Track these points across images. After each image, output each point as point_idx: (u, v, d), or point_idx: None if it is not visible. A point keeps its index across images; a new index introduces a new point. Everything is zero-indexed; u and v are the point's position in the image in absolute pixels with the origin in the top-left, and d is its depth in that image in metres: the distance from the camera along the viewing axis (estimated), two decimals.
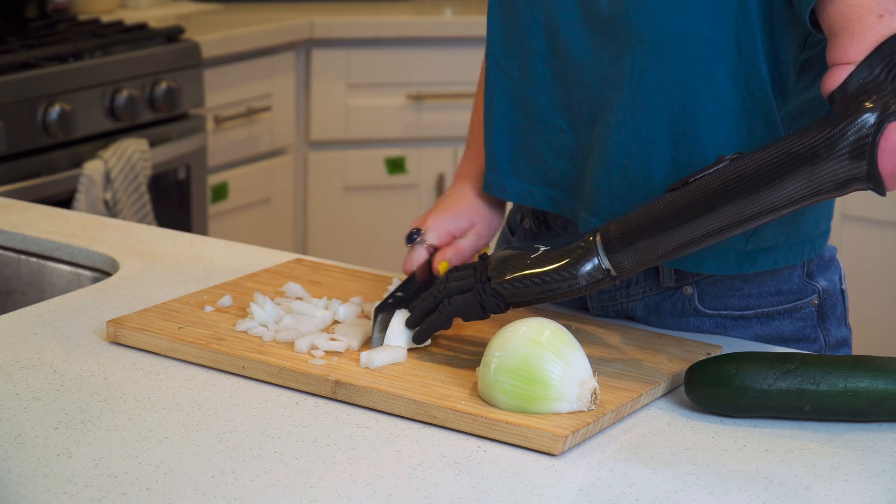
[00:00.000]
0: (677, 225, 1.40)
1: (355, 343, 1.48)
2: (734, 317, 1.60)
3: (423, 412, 1.36)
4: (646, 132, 1.51)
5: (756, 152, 1.39)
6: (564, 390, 1.34)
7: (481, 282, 1.45)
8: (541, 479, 1.26)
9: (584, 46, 1.54)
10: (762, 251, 1.55)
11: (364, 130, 3.67)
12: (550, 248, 1.45)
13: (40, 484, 1.21)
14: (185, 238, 1.90)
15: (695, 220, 1.39)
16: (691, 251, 1.42)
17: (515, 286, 1.44)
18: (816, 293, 1.61)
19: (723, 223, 1.39)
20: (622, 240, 1.41)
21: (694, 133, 1.50)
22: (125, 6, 3.72)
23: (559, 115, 1.58)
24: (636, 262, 1.42)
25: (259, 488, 1.22)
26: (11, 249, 1.89)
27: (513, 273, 1.44)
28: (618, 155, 1.53)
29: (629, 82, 1.50)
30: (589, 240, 1.43)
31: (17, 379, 1.43)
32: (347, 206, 3.69)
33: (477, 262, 1.49)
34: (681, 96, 1.49)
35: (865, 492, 1.25)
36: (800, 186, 1.37)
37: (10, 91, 2.82)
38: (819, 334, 1.63)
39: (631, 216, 1.42)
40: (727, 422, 1.38)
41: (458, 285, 1.47)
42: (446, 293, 1.47)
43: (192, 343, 1.48)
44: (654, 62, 1.48)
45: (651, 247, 1.41)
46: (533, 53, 1.58)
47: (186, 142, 3.21)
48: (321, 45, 3.61)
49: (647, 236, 1.41)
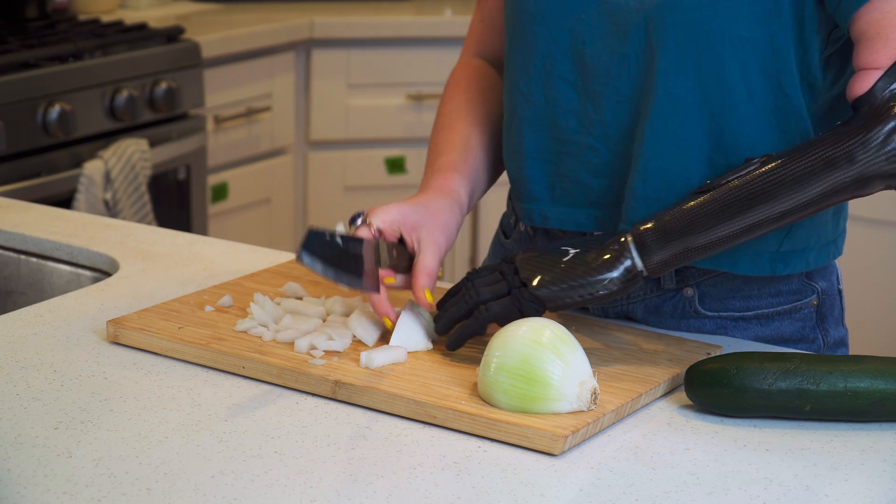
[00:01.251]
0: (712, 225, 1.44)
1: (370, 338, 1.48)
2: (734, 318, 1.60)
3: (423, 412, 1.36)
4: (683, 133, 1.51)
5: (789, 154, 1.44)
6: (564, 390, 1.34)
7: (517, 286, 1.46)
8: (541, 479, 1.26)
9: (610, 59, 1.53)
10: (795, 252, 1.57)
11: (364, 130, 3.67)
12: (581, 251, 1.46)
13: (40, 484, 1.21)
14: (185, 238, 1.90)
15: (729, 219, 1.44)
16: (723, 250, 1.46)
17: (554, 292, 1.45)
18: (815, 294, 1.62)
19: (755, 222, 1.44)
20: (656, 241, 1.44)
21: (731, 132, 1.51)
22: (125, 6, 3.72)
23: (590, 135, 1.57)
24: (669, 262, 1.45)
25: (259, 488, 1.22)
26: (11, 249, 1.88)
27: (550, 278, 1.45)
28: (653, 159, 1.52)
29: (664, 84, 1.50)
30: (621, 241, 1.45)
31: (17, 379, 1.43)
32: (347, 206, 3.68)
33: (502, 266, 1.48)
34: (717, 96, 1.50)
35: (865, 492, 1.25)
36: (832, 187, 1.42)
37: (10, 91, 2.82)
38: (818, 335, 1.63)
39: (662, 217, 1.45)
40: (727, 422, 1.38)
41: (490, 290, 1.47)
42: (480, 299, 1.47)
43: (192, 343, 1.48)
44: (692, 62, 1.49)
45: (685, 247, 1.45)
46: (557, 77, 1.57)
47: (186, 142, 3.21)
48: (321, 45, 3.61)
49: (681, 236, 1.44)
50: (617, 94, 1.54)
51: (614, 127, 1.55)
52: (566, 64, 1.56)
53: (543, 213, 1.62)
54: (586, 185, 1.59)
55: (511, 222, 1.73)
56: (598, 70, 1.54)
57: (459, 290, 1.50)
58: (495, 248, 1.79)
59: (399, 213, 1.52)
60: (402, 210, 1.52)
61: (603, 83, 1.54)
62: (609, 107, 1.55)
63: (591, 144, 1.57)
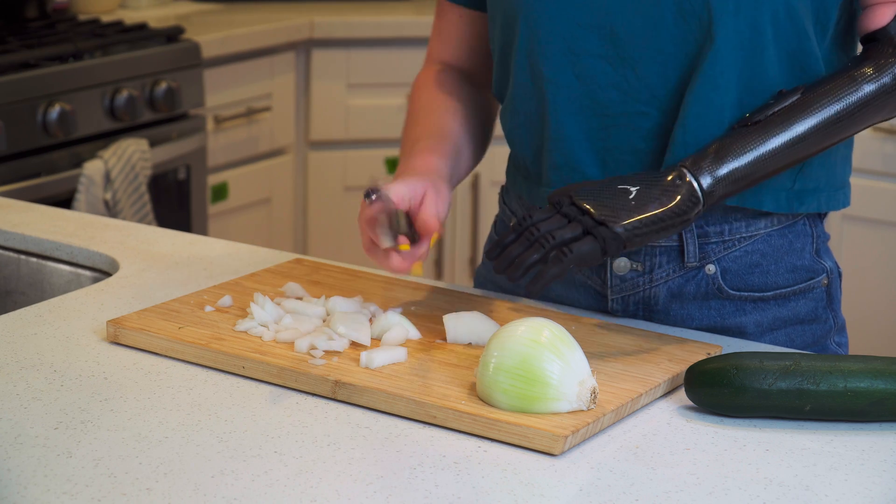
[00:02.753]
0: (762, 141, 1.52)
1: (365, 338, 1.48)
2: (754, 299, 1.63)
3: (423, 412, 1.36)
4: (721, 79, 1.55)
5: (830, 81, 1.55)
6: (564, 390, 1.34)
7: (593, 226, 1.44)
8: (541, 479, 1.26)
9: (644, 23, 1.55)
10: (808, 191, 1.62)
11: (364, 130, 3.67)
12: (642, 187, 1.49)
13: (40, 484, 1.21)
14: (185, 238, 1.90)
15: (778, 133, 1.52)
16: (771, 173, 1.53)
17: (635, 229, 1.46)
18: (825, 272, 1.66)
19: (803, 133, 1.52)
20: (710, 165, 1.51)
21: (759, 74, 1.56)
22: (125, 6, 3.73)
23: (637, 101, 1.58)
24: (724, 183, 1.50)
25: (259, 488, 1.22)
26: (11, 249, 1.89)
27: (627, 216, 1.46)
28: (693, 104, 1.55)
29: (709, 34, 1.53)
30: (680, 171, 1.50)
31: (17, 379, 1.43)
32: (347, 206, 3.69)
33: (565, 208, 1.46)
34: (750, 39, 1.54)
35: (865, 492, 1.25)
36: (874, 109, 1.55)
37: (10, 91, 2.82)
38: (829, 315, 1.67)
39: (710, 146, 1.52)
40: (727, 422, 1.38)
41: (566, 231, 1.44)
42: (558, 241, 1.44)
43: (192, 343, 1.48)
44: (730, 10, 1.53)
45: (737, 166, 1.51)
46: (587, 55, 1.58)
47: (186, 142, 3.21)
48: (321, 45, 3.61)
49: (735, 157, 1.51)
50: (659, 55, 1.56)
51: (661, 87, 1.57)
52: (592, 40, 1.57)
53: None
54: (640, 150, 1.60)
55: (510, 224, 1.73)
56: (633, 37, 1.56)
57: (519, 238, 1.46)
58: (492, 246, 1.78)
59: (409, 188, 1.53)
60: (410, 184, 1.53)
61: (641, 48, 1.56)
62: (652, 69, 1.57)
63: (639, 111, 1.58)
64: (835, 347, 1.68)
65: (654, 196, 1.48)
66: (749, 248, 1.62)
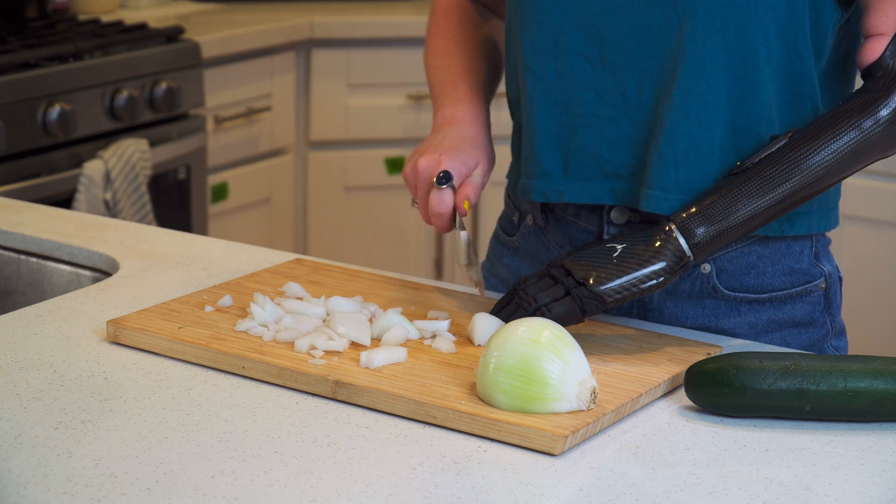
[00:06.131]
0: (753, 199, 1.51)
1: (365, 338, 1.48)
2: (749, 300, 1.62)
3: (423, 412, 1.36)
4: (710, 96, 1.54)
5: (815, 124, 1.52)
6: (564, 390, 1.34)
7: (574, 287, 1.48)
8: (541, 479, 1.26)
9: (631, 29, 1.55)
10: (800, 214, 1.62)
11: (364, 130, 3.67)
12: (628, 244, 1.50)
13: (40, 484, 1.21)
14: (185, 238, 1.90)
15: (770, 192, 1.51)
16: (762, 224, 1.52)
17: (612, 287, 1.48)
18: (823, 276, 1.66)
19: (794, 189, 1.51)
20: (700, 224, 1.50)
21: (750, 95, 1.55)
22: (125, 6, 3.73)
23: (608, 106, 1.58)
24: (714, 241, 1.50)
25: (259, 488, 1.22)
26: (11, 249, 1.89)
27: (606, 274, 1.48)
28: (683, 122, 1.55)
29: (691, 49, 1.53)
30: (667, 230, 1.50)
31: (17, 379, 1.43)
32: (347, 206, 3.69)
33: (551, 271, 1.51)
34: (740, 59, 1.53)
35: (865, 492, 1.25)
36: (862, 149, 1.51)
37: (10, 91, 2.82)
38: (826, 319, 1.67)
39: (703, 201, 1.52)
40: (727, 422, 1.38)
41: (548, 294, 1.49)
42: (540, 304, 1.49)
43: (192, 343, 1.48)
44: (719, 26, 1.52)
45: (728, 225, 1.50)
46: (570, 51, 1.58)
47: (186, 142, 3.21)
48: (321, 45, 3.61)
49: (724, 216, 1.50)
50: (639, 63, 1.56)
51: (635, 96, 1.57)
52: (578, 38, 1.58)
53: (558, 189, 1.63)
54: (602, 157, 1.60)
55: (515, 219, 1.74)
56: (618, 41, 1.56)
57: (512, 300, 1.52)
58: (495, 247, 1.79)
59: (462, 166, 1.60)
60: (462, 162, 1.60)
61: (624, 53, 1.56)
62: (630, 76, 1.56)
63: (609, 115, 1.58)
64: (832, 351, 1.68)
65: (637, 253, 1.49)
66: (746, 249, 1.62)
